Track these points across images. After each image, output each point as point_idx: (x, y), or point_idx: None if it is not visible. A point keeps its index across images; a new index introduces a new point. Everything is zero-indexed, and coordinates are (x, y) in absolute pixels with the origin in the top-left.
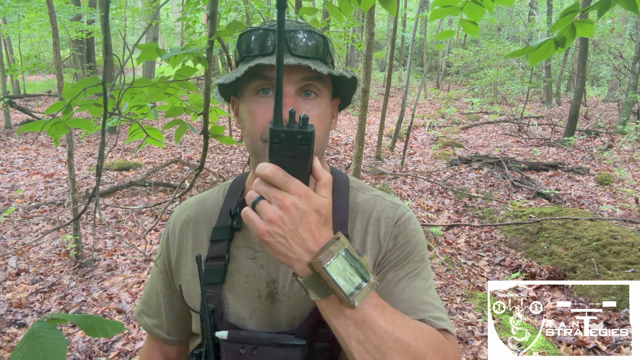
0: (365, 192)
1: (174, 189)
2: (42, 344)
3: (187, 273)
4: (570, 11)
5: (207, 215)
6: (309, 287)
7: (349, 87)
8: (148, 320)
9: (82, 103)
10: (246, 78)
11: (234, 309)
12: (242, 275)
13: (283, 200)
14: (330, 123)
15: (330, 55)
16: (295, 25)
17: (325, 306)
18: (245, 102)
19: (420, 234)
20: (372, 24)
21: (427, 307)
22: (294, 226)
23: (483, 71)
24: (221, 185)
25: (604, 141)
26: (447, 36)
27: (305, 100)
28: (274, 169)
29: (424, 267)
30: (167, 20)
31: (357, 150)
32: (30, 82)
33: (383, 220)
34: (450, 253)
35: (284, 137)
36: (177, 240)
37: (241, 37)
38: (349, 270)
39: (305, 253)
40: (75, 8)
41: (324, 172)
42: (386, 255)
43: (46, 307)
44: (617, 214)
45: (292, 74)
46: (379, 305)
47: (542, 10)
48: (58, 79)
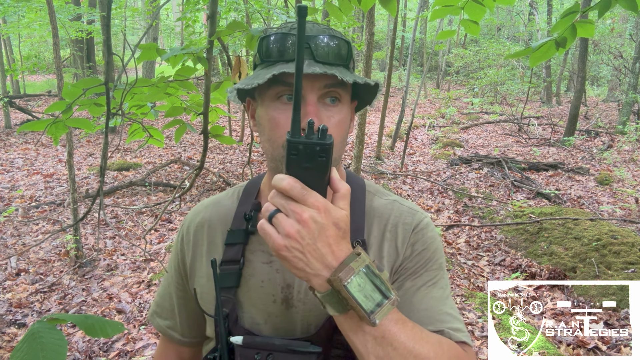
0: (382, 196)
1: (174, 189)
2: (42, 344)
3: (201, 276)
4: (571, 12)
5: (222, 218)
6: (327, 303)
7: (370, 93)
8: (162, 321)
9: (82, 103)
10: (267, 83)
11: (249, 314)
12: (257, 280)
13: (301, 214)
14: (349, 128)
15: (352, 60)
16: (318, 29)
17: (344, 321)
18: (264, 107)
19: (438, 242)
20: (372, 24)
21: (446, 317)
22: (313, 241)
23: (483, 71)
24: (235, 187)
25: (604, 141)
26: (448, 36)
27: (328, 107)
28: (291, 181)
29: (442, 276)
30: (167, 20)
31: (357, 150)
32: (30, 82)
33: (401, 226)
34: (450, 253)
35: (302, 148)
36: (191, 242)
37: (262, 40)
38: (369, 287)
39: (324, 268)
40: (75, 8)
41: (342, 184)
42: (404, 262)
43: (46, 307)
44: (617, 214)
45: (315, 80)
46: (399, 320)
47: (542, 10)
48: (58, 79)
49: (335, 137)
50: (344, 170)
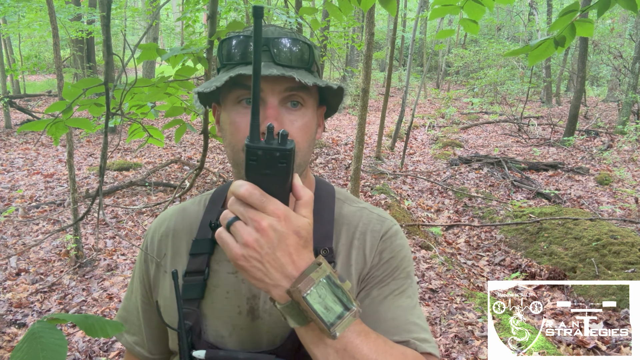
0: (352, 203)
1: (174, 189)
2: (42, 344)
3: (165, 288)
4: (570, 10)
5: (187, 226)
6: (287, 314)
7: (336, 97)
8: (129, 337)
9: (82, 103)
10: (227, 86)
11: (213, 327)
12: (222, 291)
13: (260, 221)
14: (315, 133)
15: (316, 64)
16: (280, 32)
17: (305, 334)
18: (226, 111)
19: (407, 250)
20: (372, 24)
21: (412, 327)
22: (272, 250)
23: (483, 71)
24: (202, 195)
25: (604, 141)
26: (447, 35)
27: (290, 111)
28: (250, 188)
29: (409, 285)
30: (167, 20)
31: (357, 150)
32: (30, 82)
33: (369, 234)
34: (450, 253)
35: (261, 154)
36: (155, 252)
37: (222, 43)
38: (330, 298)
39: (283, 278)
40: (75, 8)
41: (305, 190)
42: (371, 270)
43: (46, 307)
44: (617, 214)
45: (275, 84)
46: (362, 332)
47: (542, 10)
48: (58, 79)
49: (299, 142)
50: (313, 177)
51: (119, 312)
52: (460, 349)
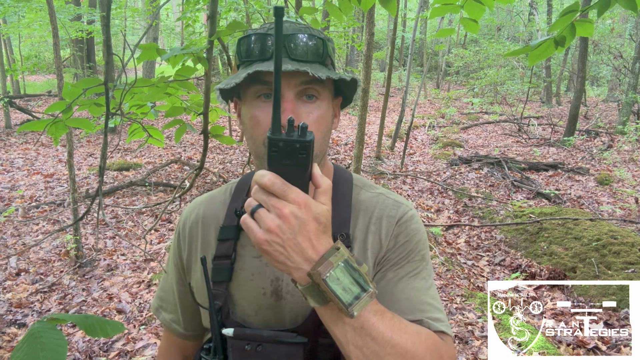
0: (369, 190)
1: (174, 189)
2: (42, 344)
3: (197, 271)
4: (570, 10)
5: (215, 214)
6: (308, 295)
7: (349, 88)
8: (166, 315)
9: (82, 103)
10: (246, 82)
11: (240, 307)
12: (248, 273)
13: (282, 209)
14: (331, 124)
15: (330, 57)
16: (294, 28)
17: (324, 313)
18: (247, 106)
19: (422, 233)
20: (372, 24)
21: (426, 307)
22: (293, 235)
23: (483, 71)
24: (229, 183)
25: (604, 141)
26: (447, 34)
27: (306, 103)
28: (272, 177)
29: (424, 267)
30: (167, 20)
31: (357, 150)
32: (30, 82)
33: (385, 219)
34: (450, 253)
35: (282, 145)
36: (187, 239)
37: (240, 41)
38: (348, 280)
39: (304, 262)
40: (75, 8)
41: (324, 179)
42: (387, 254)
43: (46, 307)
44: (617, 214)
45: (291, 78)
46: (378, 311)
47: (542, 10)
48: (58, 79)
49: (316, 133)
50: (331, 165)
51: (157, 292)
52: (461, 349)
